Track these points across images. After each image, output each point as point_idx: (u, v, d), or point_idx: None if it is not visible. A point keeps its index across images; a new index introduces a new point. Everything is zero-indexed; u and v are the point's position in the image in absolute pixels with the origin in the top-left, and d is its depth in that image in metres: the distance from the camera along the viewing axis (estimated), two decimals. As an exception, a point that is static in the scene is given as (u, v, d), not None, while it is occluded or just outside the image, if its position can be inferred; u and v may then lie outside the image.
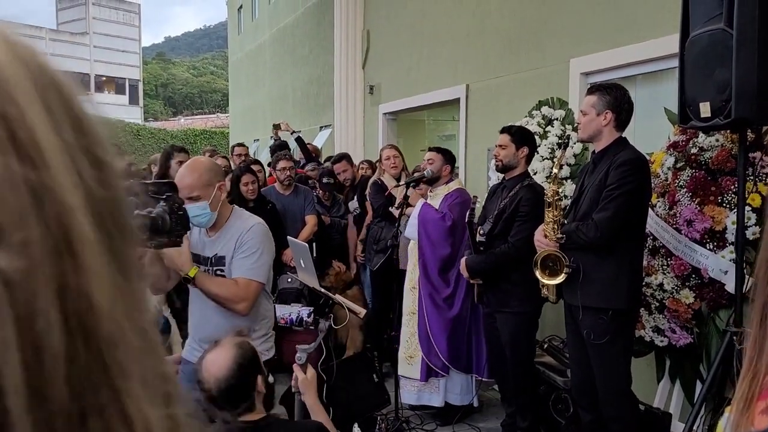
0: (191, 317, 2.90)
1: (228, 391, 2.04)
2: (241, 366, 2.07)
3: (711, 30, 2.74)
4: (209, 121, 44.85)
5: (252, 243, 2.74)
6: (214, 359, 2.08)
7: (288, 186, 5.48)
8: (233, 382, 2.04)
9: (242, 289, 2.69)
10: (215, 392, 2.03)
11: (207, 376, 2.05)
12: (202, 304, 2.82)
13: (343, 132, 9.30)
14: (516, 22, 5.53)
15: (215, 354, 2.10)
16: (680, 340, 3.40)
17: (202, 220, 2.70)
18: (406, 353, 4.44)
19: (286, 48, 13.81)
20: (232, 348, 2.11)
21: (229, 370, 2.04)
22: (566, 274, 3.13)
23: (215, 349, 2.13)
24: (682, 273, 3.30)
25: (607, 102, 3.16)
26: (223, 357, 2.07)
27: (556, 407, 3.88)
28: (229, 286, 2.70)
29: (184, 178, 2.68)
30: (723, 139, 3.27)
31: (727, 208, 3.16)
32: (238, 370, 2.06)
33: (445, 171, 4.51)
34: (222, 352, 2.09)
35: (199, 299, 2.84)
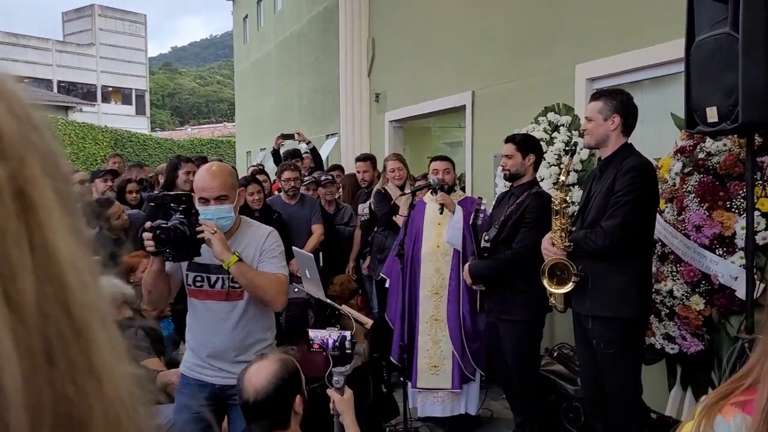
0: (194, 334, 2.86)
1: (264, 404, 2.07)
2: (282, 381, 2.10)
3: (717, 34, 2.72)
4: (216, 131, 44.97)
5: (275, 246, 2.79)
6: (257, 371, 2.12)
7: (293, 196, 5.47)
8: (272, 395, 2.07)
9: (281, 284, 2.71)
10: (252, 403, 2.06)
11: (247, 386, 2.09)
12: (206, 320, 2.80)
13: (349, 140, 9.30)
14: (522, 28, 5.51)
15: (259, 366, 2.15)
16: (691, 348, 3.36)
17: (226, 222, 2.71)
18: (429, 363, 4.34)
19: (291, 57, 13.85)
20: (276, 363, 2.15)
21: (270, 384, 2.08)
22: (574, 283, 3.10)
23: (260, 362, 2.18)
24: (691, 279, 3.26)
25: (614, 106, 3.14)
26: (266, 370, 2.11)
27: (568, 416, 3.84)
28: (270, 278, 2.69)
29: (212, 179, 2.70)
30: (730, 143, 3.24)
31: (736, 213, 3.13)
32: (279, 384, 2.09)
33: (453, 179, 4.53)
34: (266, 366, 2.13)
35: (202, 315, 2.82)
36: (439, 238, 4.41)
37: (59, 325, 0.37)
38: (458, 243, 4.31)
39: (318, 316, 5.10)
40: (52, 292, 0.37)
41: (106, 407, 0.38)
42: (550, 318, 4.19)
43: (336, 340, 2.81)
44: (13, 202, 0.36)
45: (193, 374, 2.82)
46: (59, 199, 0.39)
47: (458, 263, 4.35)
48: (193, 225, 2.52)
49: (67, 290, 0.37)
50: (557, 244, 3.17)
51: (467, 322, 4.33)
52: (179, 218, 2.51)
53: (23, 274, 0.35)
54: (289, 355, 2.31)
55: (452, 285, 4.36)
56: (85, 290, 0.39)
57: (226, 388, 2.79)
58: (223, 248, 2.57)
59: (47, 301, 0.36)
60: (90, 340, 0.38)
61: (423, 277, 4.43)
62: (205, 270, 2.76)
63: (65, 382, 0.36)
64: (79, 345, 0.38)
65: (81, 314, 0.38)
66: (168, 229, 2.47)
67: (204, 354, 2.80)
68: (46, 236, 0.37)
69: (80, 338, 0.38)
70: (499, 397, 4.84)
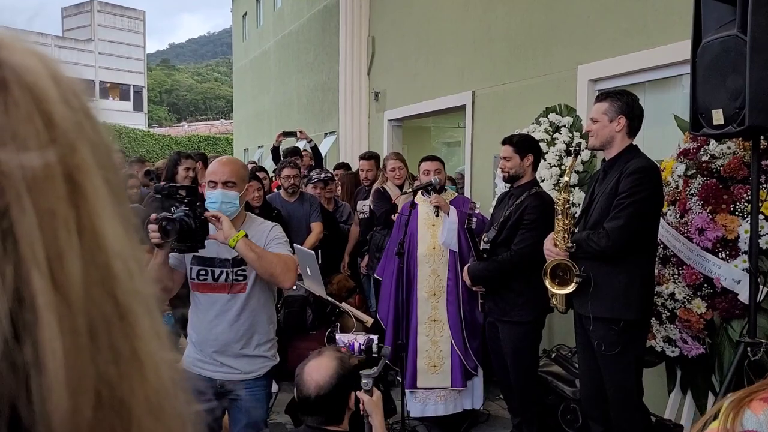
0: (196, 328, 2.86)
1: (325, 398, 2.14)
2: (341, 377, 2.18)
3: (724, 36, 2.70)
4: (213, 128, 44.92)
5: (280, 235, 2.83)
6: (317, 366, 2.19)
7: (292, 193, 5.45)
8: (332, 390, 2.15)
9: (290, 261, 2.73)
10: (313, 397, 2.13)
11: (308, 380, 2.16)
12: (209, 313, 2.79)
13: (348, 138, 9.28)
14: (523, 28, 5.50)
15: (319, 362, 2.22)
16: (692, 351, 3.35)
17: (231, 209, 2.73)
18: (428, 363, 4.35)
19: (290, 54, 13.82)
20: (336, 359, 2.23)
21: (331, 378, 2.15)
22: (576, 284, 3.09)
23: (319, 358, 2.25)
24: (693, 282, 3.25)
25: (619, 108, 3.13)
26: (327, 365, 2.19)
27: (565, 418, 3.82)
28: (278, 255, 2.71)
29: (223, 165, 2.78)
30: (735, 146, 3.23)
31: (740, 216, 3.12)
32: (339, 380, 2.17)
33: (444, 179, 4.54)
34: (326, 361, 2.21)
35: (205, 308, 2.81)
36: (434, 240, 4.40)
37: (104, 309, 0.38)
38: (454, 244, 4.31)
39: (317, 314, 5.08)
40: (98, 277, 0.38)
41: (147, 391, 0.39)
42: (549, 319, 4.18)
43: (362, 343, 2.87)
44: (64, 187, 0.37)
45: (195, 369, 2.81)
46: (108, 188, 0.40)
47: (455, 263, 4.34)
48: (198, 217, 2.53)
49: (112, 276, 0.38)
50: (560, 244, 3.16)
51: (468, 319, 4.33)
52: (184, 210, 2.52)
53: (71, 257, 0.36)
54: (343, 353, 2.38)
55: (450, 285, 4.35)
56: (130, 277, 0.40)
57: (227, 383, 2.78)
58: (230, 228, 2.60)
59: (93, 285, 0.37)
60: (133, 326, 0.39)
61: (420, 279, 4.42)
62: (210, 263, 2.77)
63: (108, 365, 0.37)
64: (122, 330, 0.39)
65: (125, 300, 0.39)
66: (173, 220, 2.47)
67: (208, 349, 2.80)
68: (95, 223, 0.38)
69: (124, 323, 0.39)
70: (496, 397, 4.84)
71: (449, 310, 4.33)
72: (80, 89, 0.42)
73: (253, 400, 2.81)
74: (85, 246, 0.37)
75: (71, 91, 0.40)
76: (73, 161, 0.38)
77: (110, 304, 0.38)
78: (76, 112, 0.40)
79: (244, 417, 2.80)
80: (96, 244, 0.38)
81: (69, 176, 0.37)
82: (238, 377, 2.80)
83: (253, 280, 2.79)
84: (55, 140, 0.37)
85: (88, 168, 0.39)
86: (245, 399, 2.80)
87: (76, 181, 0.38)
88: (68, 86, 0.40)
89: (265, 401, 2.90)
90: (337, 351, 2.34)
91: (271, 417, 4.30)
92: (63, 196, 0.37)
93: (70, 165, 0.38)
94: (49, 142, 0.37)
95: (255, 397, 2.82)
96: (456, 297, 4.34)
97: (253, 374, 2.82)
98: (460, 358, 4.31)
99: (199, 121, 57.37)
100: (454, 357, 4.33)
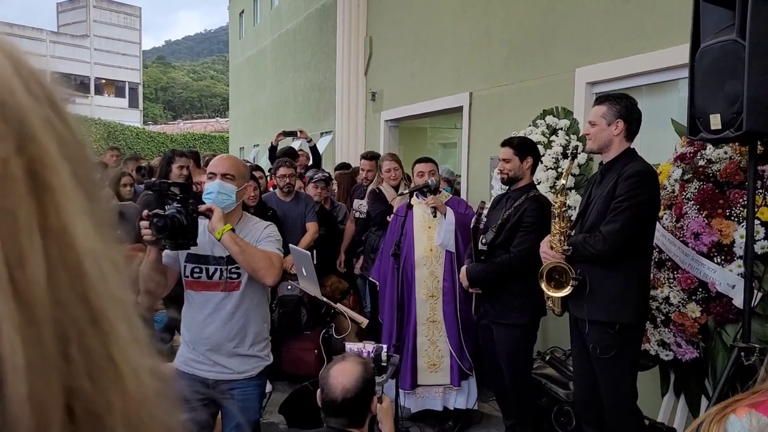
0: (189, 327, 2.85)
1: (350, 403, 2.21)
2: (366, 382, 2.27)
3: (723, 41, 2.71)
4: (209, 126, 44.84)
5: (273, 233, 2.84)
6: (343, 370, 2.27)
7: (288, 193, 5.44)
8: (358, 394, 2.22)
9: (275, 257, 2.72)
10: (340, 400, 2.20)
11: (335, 383, 2.22)
12: (202, 311, 2.78)
13: (344, 138, 9.27)
14: (521, 31, 5.50)
15: (345, 366, 2.29)
16: (686, 355, 3.35)
17: (226, 201, 2.75)
18: (428, 362, 4.40)
19: (287, 53, 13.79)
20: (360, 365, 2.32)
21: (357, 382, 2.23)
22: (572, 287, 3.09)
23: (343, 362, 2.32)
24: (688, 286, 3.26)
25: (618, 111, 3.13)
26: (352, 370, 2.27)
27: (559, 420, 3.83)
28: (263, 252, 2.71)
29: (223, 159, 2.86)
30: (731, 151, 3.23)
31: (735, 221, 3.12)
32: (364, 384, 2.25)
33: (438, 180, 4.56)
34: (351, 366, 2.29)
35: (199, 306, 2.80)
36: (430, 242, 4.40)
37: (75, 316, 0.35)
38: (451, 245, 4.30)
39: (311, 314, 5.07)
40: (68, 280, 0.35)
41: (127, 404, 0.36)
42: (543, 322, 4.17)
43: (371, 352, 2.93)
44: (25, 183, 0.34)
45: (188, 369, 2.79)
46: (78, 183, 0.37)
47: (451, 263, 4.34)
48: (190, 214, 2.52)
49: (84, 278, 0.36)
50: (556, 247, 3.16)
51: (464, 320, 4.34)
52: (176, 207, 2.51)
53: (33, 261, 0.33)
54: (365, 359, 2.46)
55: (446, 286, 4.36)
56: (104, 279, 0.37)
57: (220, 383, 2.77)
58: (219, 219, 2.62)
59: (61, 289, 0.34)
60: (109, 333, 0.36)
61: (418, 281, 4.42)
62: (204, 261, 2.76)
63: (81, 377, 0.34)
64: (97, 337, 0.36)
65: (99, 304, 0.36)
66: (165, 217, 2.46)
67: (201, 348, 2.79)
68: (63, 221, 0.35)
69: (98, 330, 0.36)
70: (489, 399, 4.84)
71: (445, 311, 4.35)
72: (46, 79, 0.39)
73: (245, 400, 2.80)
74: (51, 247, 0.34)
75: (35, 81, 0.37)
76: (36, 154, 0.35)
77: (82, 309, 0.35)
78: (40, 102, 0.37)
79: (237, 417, 2.79)
80: (64, 243, 0.35)
81: (31, 171, 0.35)
82: (231, 377, 2.79)
83: (246, 278, 2.78)
84: (13, 132, 0.34)
85: (53, 162, 0.36)
86: (238, 399, 2.79)
87: (39, 176, 0.35)
88: (31, 75, 0.37)
89: (258, 401, 2.89)
90: (360, 357, 2.41)
91: (264, 417, 4.29)
92: (23, 193, 0.34)
93: (32, 159, 0.35)
94: (6, 134, 0.34)
95: (248, 396, 2.81)
96: (453, 298, 4.35)
97: (246, 374, 2.80)
98: (456, 359, 4.33)
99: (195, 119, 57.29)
100: (452, 356, 4.36)
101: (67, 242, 0.35)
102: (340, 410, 2.21)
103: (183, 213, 2.52)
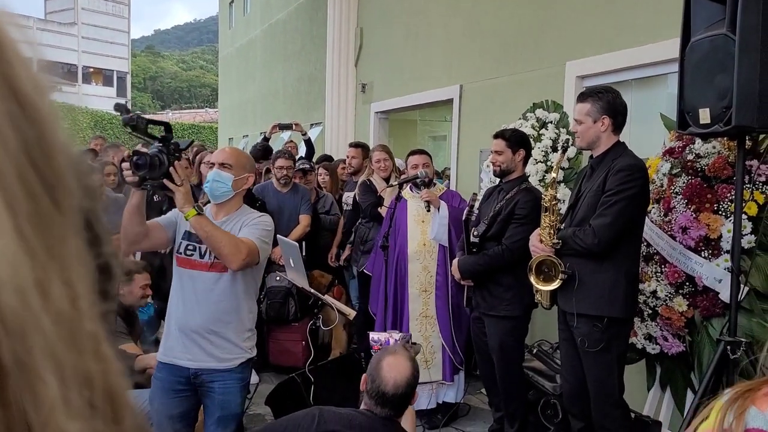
0: (176, 308, 2.82)
1: (400, 397, 2.28)
2: (415, 379, 2.33)
3: (713, 35, 2.71)
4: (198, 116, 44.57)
5: (265, 224, 2.81)
6: (396, 364, 2.31)
7: (285, 184, 5.44)
8: (407, 390, 2.30)
9: (242, 244, 2.66)
10: (390, 394, 2.25)
11: (388, 377, 2.27)
12: (189, 290, 2.78)
13: (333, 130, 9.23)
14: (512, 24, 5.49)
15: (397, 360, 2.33)
16: (672, 348, 3.37)
17: (221, 189, 2.76)
18: (421, 358, 4.32)
19: (277, 44, 13.71)
20: (411, 361, 2.37)
21: (408, 379, 2.30)
22: (561, 280, 3.09)
23: (396, 355, 2.36)
24: (675, 280, 3.27)
25: (602, 107, 3.12)
26: (405, 366, 2.32)
27: (545, 413, 3.84)
28: (230, 236, 2.68)
29: (223, 150, 2.93)
30: (720, 146, 3.24)
31: (723, 215, 3.14)
32: (414, 381, 2.32)
33: (432, 172, 4.55)
34: (402, 361, 2.34)
35: (187, 286, 2.79)
36: (424, 236, 4.39)
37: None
38: (444, 239, 4.30)
39: (299, 306, 5.06)
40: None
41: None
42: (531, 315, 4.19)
43: (398, 340, 3.01)
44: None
45: (168, 359, 2.78)
46: (27, 190, 0.31)
47: (444, 258, 4.34)
48: (172, 153, 2.49)
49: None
50: (545, 240, 3.16)
51: (455, 315, 4.34)
52: (158, 146, 2.48)
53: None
54: (409, 350, 2.52)
55: (439, 280, 4.36)
56: (32, 319, 0.29)
57: (201, 373, 2.74)
58: (185, 200, 2.59)
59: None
60: (34, 389, 0.29)
61: (411, 275, 4.41)
62: (199, 240, 2.75)
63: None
64: (14, 393, 0.28)
65: (15, 348, 0.28)
66: (145, 155, 2.43)
67: (186, 329, 2.75)
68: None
69: (11, 385, 0.28)
70: (477, 391, 4.85)
71: (438, 305, 4.35)
72: (22, 69, 0.32)
73: (226, 393, 2.77)
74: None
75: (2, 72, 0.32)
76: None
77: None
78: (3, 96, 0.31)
79: (218, 410, 2.77)
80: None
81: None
82: (212, 365, 2.76)
83: None
84: None
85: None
86: (219, 392, 2.76)
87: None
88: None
89: (240, 394, 2.85)
90: (409, 352, 2.46)
91: (251, 408, 4.28)
92: None
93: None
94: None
95: (228, 390, 2.78)
96: (445, 292, 4.35)
97: (227, 364, 2.77)
98: (449, 353, 4.33)
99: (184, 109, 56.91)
100: (444, 351, 4.36)
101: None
102: (389, 403, 2.27)
103: (164, 152, 2.48)
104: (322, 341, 5.43)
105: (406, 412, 2.61)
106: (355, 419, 2.23)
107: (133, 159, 2.44)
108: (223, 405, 2.77)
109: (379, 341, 2.99)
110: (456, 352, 4.38)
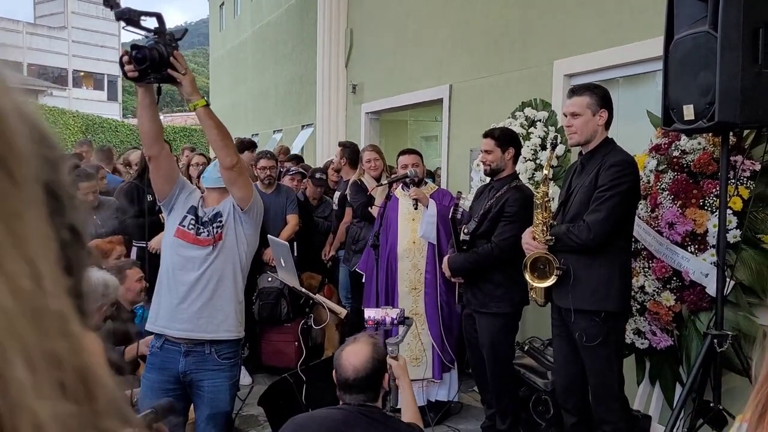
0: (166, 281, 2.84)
1: (362, 381, 2.33)
2: (375, 361, 2.37)
3: (695, 33, 2.74)
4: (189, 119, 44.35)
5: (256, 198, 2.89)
6: (354, 351, 2.38)
7: (269, 185, 5.42)
8: (369, 373, 2.34)
9: (242, 163, 2.80)
10: (351, 379, 2.32)
11: (347, 364, 2.35)
12: (179, 261, 2.81)
13: (325, 131, 9.24)
14: (500, 23, 5.52)
15: (355, 347, 2.41)
16: (660, 343, 3.40)
17: (213, 174, 2.88)
18: (410, 356, 4.37)
19: (268, 46, 13.71)
20: (370, 344, 2.43)
21: (367, 362, 2.34)
22: (557, 277, 3.10)
23: (354, 343, 2.43)
24: (663, 275, 3.30)
25: (600, 100, 3.13)
26: (363, 351, 2.38)
27: (537, 409, 3.86)
28: (231, 138, 2.82)
29: None
30: (705, 142, 3.28)
31: (709, 211, 3.17)
32: (373, 363, 2.36)
33: (423, 172, 4.57)
34: (362, 347, 2.41)
35: (181, 259, 2.82)
36: (414, 234, 4.41)
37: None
38: (433, 237, 4.32)
39: (291, 306, 5.07)
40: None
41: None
42: (522, 312, 4.21)
43: (395, 317, 3.11)
44: None
45: (159, 329, 2.80)
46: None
47: (433, 255, 4.36)
48: (169, 44, 2.47)
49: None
50: (539, 238, 3.16)
51: (445, 313, 4.35)
52: (154, 38, 2.46)
53: None
54: (375, 338, 2.56)
55: (428, 278, 4.37)
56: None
57: (191, 372, 2.75)
58: (192, 89, 2.61)
59: None
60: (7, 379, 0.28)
61: (400, 273, 4.44)
62: (202, 221, 2.83)
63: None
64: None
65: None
66: (143, 47, 2.40)
67: (173, 301, 2.77)
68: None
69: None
70: (469, 389, 4.87)
71: (427, 303, 4.37)
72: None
73: (216, 392, 2.79)
74: None
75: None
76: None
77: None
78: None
79: (207, 408, 2.78)
80: None
81: None
82: (199, 335, 2.76)
83: (227, 241, 2.82)
84: None
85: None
86: (208, 390, 2.77)
87: None
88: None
89: (229, 392, 2.85)
90: (371, 337, 2.54)
91: (244, 409, 4.28)
92: None
93: None
94: None
95: (218, 388, 2.79)
96: (434, 290, 4.37)
97: (213, 335, 2.77)
98: (438, 351, 4.35)
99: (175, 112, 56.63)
100: (433, 349, 4.37)
101: None
102: (355, 387, 2.34)
103: (162, 43, 2.46)
104: (315, 341, 5.44)
105: (404, 403, 2.68)
106: (330, 416, 2.28)
107: (132, 53, 2.40)
108: (212, 403, 2.78)
109: (374, 318, 3.06)
110: (446, 350, 4.39)
